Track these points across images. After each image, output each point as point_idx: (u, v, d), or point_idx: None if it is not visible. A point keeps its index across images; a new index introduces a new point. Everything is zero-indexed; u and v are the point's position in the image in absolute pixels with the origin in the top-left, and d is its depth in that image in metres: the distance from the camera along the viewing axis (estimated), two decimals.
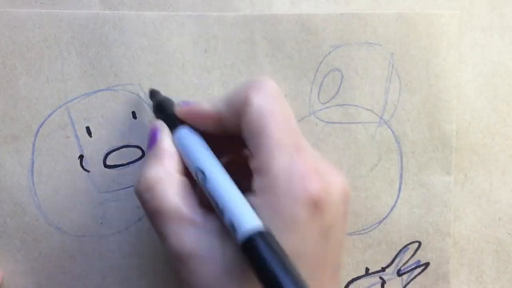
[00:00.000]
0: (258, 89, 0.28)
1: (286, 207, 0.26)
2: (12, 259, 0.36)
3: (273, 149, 0.26)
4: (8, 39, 0.35)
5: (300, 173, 0.26)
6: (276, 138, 0.27)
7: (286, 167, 0.26)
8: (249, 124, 0.27)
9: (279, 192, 0.26)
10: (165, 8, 0.36)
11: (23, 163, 0.36)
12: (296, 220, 0.25)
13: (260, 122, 0.27)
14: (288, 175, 0.26)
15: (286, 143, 0.27)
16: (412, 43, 0.36)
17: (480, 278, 0.38)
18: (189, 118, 0.31)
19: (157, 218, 0.28)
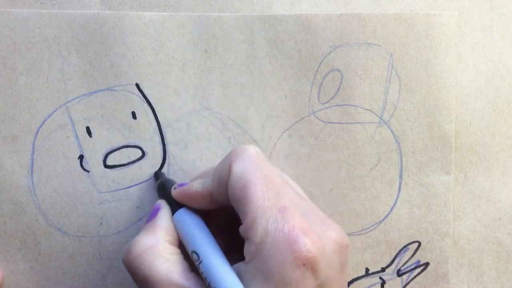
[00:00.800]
0: (238, 157, 0.29)
1: (274, 271, 0.26)
2: (12, 259, 0.36)
3: (256, 214, 0.27)
4: (8, 39, 0.35)
5: (284, 235, 0.26)
6: (258, 203, 0.27)
7: (270, 231, 0.27)
8: (232, 193, 0.28)
9: (266, 256, 0.26)
10: (165, 8, 0.36)
11: (23, 163, 0.36)
12: (286, 282, 0.26)
13: (241, 189, 0.28)
14: (273, 239, 0.26)
15: (268, 207, 0.27)
16: (411, 44, 0.37)
17: (480, 278, 0.38)
18: (183, 200, 0.32)
19: (146, 285, 0.29)
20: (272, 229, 0.27)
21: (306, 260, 0.26)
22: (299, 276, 0.26)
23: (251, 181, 0.28)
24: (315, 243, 0.27)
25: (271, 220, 0.27)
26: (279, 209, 0.27)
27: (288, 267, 0.26)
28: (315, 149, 0.37)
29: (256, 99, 0.37)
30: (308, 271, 0.26)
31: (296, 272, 0.26)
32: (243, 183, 0.28)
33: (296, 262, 0.26)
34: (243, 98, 0.37)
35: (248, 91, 0.37)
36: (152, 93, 0.36)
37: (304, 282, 0.26)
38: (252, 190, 0.28)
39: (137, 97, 0.36)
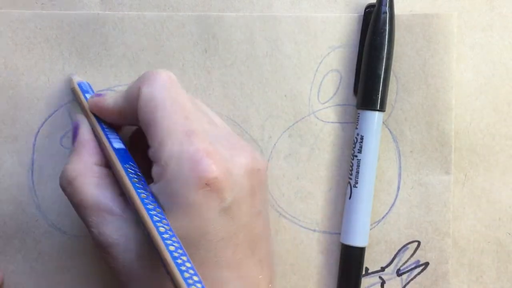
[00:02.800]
0: (148, 81, 0.29)
1: (178, 191, 0.27)
2: (12, 259, 0.37)
3: (163, 137, 0.28)
4: (10, 39, 0.36)
5: (189, 157, 0.27)
6: (165, 126, 0.28)
7: (175, 153, 0.27)
8: (141, 115, 0.29)
9: (171, 177, 0.27)
10: (165, 8, 0.37)
11: (23, 163, 0.37)
12: (189, 203, 0.27)
13: (149, 112, 0.29)
14: (178, 160, 0.27)
15: (175, 130, 0.28)
16: (408, 44, 0.37)
17: (480, 278, 0.38)
18: (96, 111, 0.32)
19: (80, 211, 0.30)
20: (177, 151, 0.27)
21: (208, 180, 0.27)
22: (202, 196, 0.27)
23: (159, 105, 0.28)
24: (220, 165, 0.27)
25: (176, 143, 0.28)
26: (185, 132, 0.28)
27: (191, 187, 0.27)
28: (315, 149, 0.38)
29: (256, 99, 0.37)
30: (212, 192, 0.27)
31: (199, 193, 0.27)
32: (152, 107, 0.28)
33: (199, 183, 0.27)
34: (243, 98, 0.37)
35: (248, 91, 0.37)
36: None
37: (209, 203, 0.27)
38: (160, 113, 0.28)
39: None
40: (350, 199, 0.36)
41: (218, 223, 0.28)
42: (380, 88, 0.36)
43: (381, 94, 0.36)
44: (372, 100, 0.36)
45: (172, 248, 0.26)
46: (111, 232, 0.29)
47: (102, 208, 0.30)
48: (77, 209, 0.31)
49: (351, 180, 0.36)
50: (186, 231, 0.27)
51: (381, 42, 0.35)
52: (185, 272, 0.25)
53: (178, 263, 0.25)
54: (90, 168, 0.31)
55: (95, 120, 0.32)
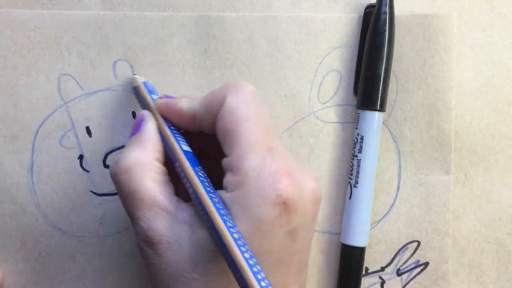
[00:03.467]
0: (234, 91, 0.29)
1: (254, 205, 0.27)
2: (12, 259, 0.37)
3: (245, 148, 0.28)
4: (9, 39, 0.36)
5: (270, 173, 0.27)
6: (249, 138, 0.28)
7: (257, 166, 0.27)
8: (223, 124, 0.29)
9: (249, 189, 0.27)
10: (165, 8, 0.37)
11: (23, 163, 0.37)
12: (263, 218, 0.27)
13: (233, 122, 0.29)
14: (259, 174, 0.27)
15: (258, 143, 0.28)
16: (408, 44, 0.37)
17: (480, 278, 0.38)
18: (165, 112, 0.32)
19: (131, 201, 0.29)
20: (259, 165, 0.27)
21: (286, 201, 0.27)
22: (277, 215, 0.27)
23: (244, 116, 0.28)
24: (295, 186, 0.27)
25: (259, 156, 0.28)
26: (268, 147, 0.28)
27: (267, 204, 0.27)
28: (315, 149, 0.38)
29: None
30: (285, 211, 0.27)
31: (275, 210, 0.27)
32: (236, 117, 0.28)
33: (276, 201, 0.27)
34: None
35: None
36: None
37: (280, 221, 0.27)
38: (244, 125, 0.28)
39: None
40: (350, 199, 0.37)
41: (282, 243, 0.28)
42: (380, 88, 0.36)
43: (381, 94, 0.36)
44: (372, 100, 0.36)
45: (247, 255, 0.25)
46: (163, 229, 0.29)
47: (157, 203, 0.29)
48: (128, 199, 0.29)
49: (351, 180, 0.36)
50: (251, 245, 0.27)
51: (381, 42, 0.36)
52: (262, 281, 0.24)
53: (255, 271, 0.24)
54: (151, 161, 0.30)
55: (162, 120, 0.32)
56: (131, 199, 0.29)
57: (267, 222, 0.27)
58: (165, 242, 0.28)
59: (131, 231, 0.37)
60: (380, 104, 0.36)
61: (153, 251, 0.29)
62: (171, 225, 0.29)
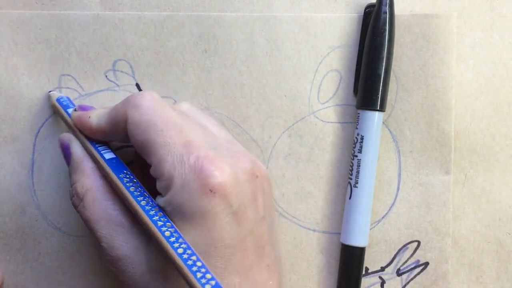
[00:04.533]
0: (133, 106, 0.30)
1: (184, 202, 0.28)
2: (12, 259, 0.37)
3: (161, 154, 0.28)
4: (10, 39, 0.36)
5: (191, 166, 0.28)
6: (161, 143, 0.29)
7: (176, 165, 0.28)
8: (134, 139, 0.30)
9: (175, 189, 0.28)
10: (165, 8, 0.37)
11: (23, 163, 0.37)
12: (196, 211, 0.27)
13: (142, 135, 0.29)
14: (180, 172, 0.28)
15: (171, 144, 0.28)
16: (408, 44, 0.37)
17: (480, 278, 0.38)
18: (79, 126, 0.33)
19: (91, 225, 0.31)
20: (177, 163, 0.28)
21: (212, 186, 0.27)
22: (207, 203, 0.27)
23: (150, 125, 0.29)
24: (222, 170, 0.28)
25: (176, 155, 0.28)
26: (183, 144, 0.28)
27: (196, 196, 0.27)
28: (315, 149, 0.38)
29: (256, 99, 0.38)
30: (217, 197, 0.27)
31: (204, 200, 0.27)
32: (143, 129, 0.29)
33: (203, 190, 0.27)
34: (243, 98, 0.38)
35: (248, 91, 0.38)
36: None
37: (215, 209, 0.27)
38: (152, 132, 0.29)
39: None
40: (350, 199, 0.37)
41: (226, 229, 0.28)
42: (380, 88, 0.36)
43: (381, 94, 0.36)
44: (372, 100, 0.36)
45: (180, 250, 0.26)
46: (120, 245, 0.30)
47: (112, 220, 0.30)
48: (88, 225, 0.31)
49: (351, 180, 0.36)
50: (196, 240, 0.27)
51: (381, 42, 0.36)
52: (198, 272, 0.25)
53: (189, 264, 0.25)
54: (96, 182, 0.31)
55: (80, 135, 0.33)
56: (91, 223, 0.31)
57: (202, 214, 0.27)
58: (124, 257, 0.29)
59: None
60: (380, 104, 0.36)
61: (117, 269, 0.30)
62: (129, 239, 0.30)
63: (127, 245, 0.29)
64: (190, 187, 0.27)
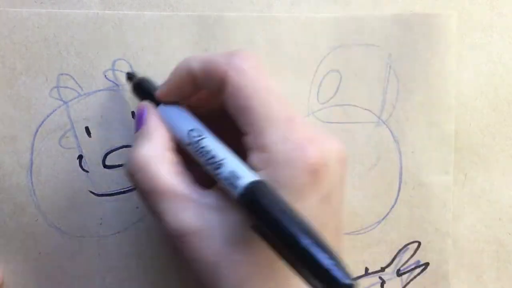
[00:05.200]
0: (236, 67, 0.28)
1: (286, 178, 0.27)
2: (11, 259, 0.37)
3: (264, 123, 0.27)
4: (8, 38, 0.36)
5: (296, 143, 0.27)
6: (266, 112, 0.28)
7: (281, 140, 0.27)
8: (234, 102, 0.28)
9: (277, 164, 0.27)
10: (165, 8, 0.37)
11: (22, 163, 0.37)
12: (297, 189, 0.27)
13: (245, 99, 0.28)
14: (284, 147, 0.27)
15: (277, 116, 0.28)
16: (409, 44, 0.37)
17: (480, 278, 0.38)
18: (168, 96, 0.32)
19: (152, 198, 0.28)
20: (282, 138, 0.27)
21: (316, 168, 0.27)
22: (310, 183, 0.27)
23: (254, 93, 0.28)
24: (324, 154, 0.27)
25: (280, 129, 0.27)
26: (286, 118, 0.28)
27: (300, 174, 0.27)
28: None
29: None
30: (317, 179, 0.27)
31: (307, 179, 0.27)
32: (245, 95, 0.28)
33: (308, 170, 0.27)
34: None
35: None
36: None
37: (314, 189, 0.27)
38: (255, 101, 0.28)
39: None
40: None
41: (318, 209, 0.27)
42: None
43: None
44: None
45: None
46: (190, 218, 0.28)
47: (178, 193, 0.28)
48: (148, 197, 0.29)
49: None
50: None
51: None
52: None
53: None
54: (163, 154, 0.29)
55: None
56: (152, 196, 0.28)
57: (303, 192, 0.27)
58: (195, 232, 0.28)
59: (130, 231, 0.37)
60: None
61: (185, 244, 0.28)
62: (197, 213, 0.28)
63: (198, 219, 0.28)
64: (295, 164, 0.27)
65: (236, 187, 0.27)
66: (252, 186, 0.26)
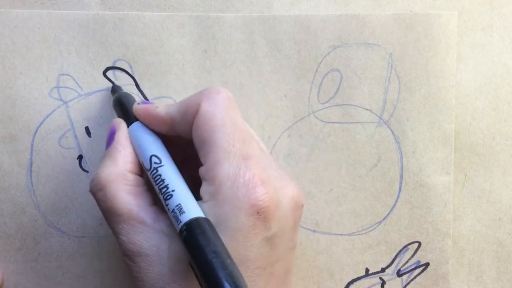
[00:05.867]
0: (209, 98, 0.29)
1: (229, 214, 0.27)
2: (11, 259, 0.37)
3: (220, 157, 0.28)
4: (8, 39, 0.36)
5: (244, 182, 0.27)
6: (224, 146, 0.28)
7: (231, 175, 0.27)
8: (198, 132, 0.29)
9: (224, 199, 0.27)
10: (165, 8, 0.37)
11: (22, 163, 0.36)
12: (238, 227, 0.27)
13: (208, 131, 0.29)
14: (233, 183, 0.27)
15: (233, 152, 0.28)
16: (410, 44, 0.37)
17: (480, 278, 0.38)
18: (143, 118, 0.32)
19: (109, 217, 0.30)
20: (233, 174, 0.28)
21: (260, 209, 0.27)
22: (251, 223, 0.27)
23: (219, 125, 0.29)
24: (272, 195, 0.28)
25: (234, 165, 0.28)
26: (243, 156, 0.28)
27: (242, 213, 0.27)
28: (315, 149, 0.38)
29: (255, 99, 0.37)
30: (260, 220, 0.27)
31: (250, 219, 0.27)
32: (212, 126, 0.29)
33: (251, 209, 0.27)
34: (242, 98, 0.37)
35: (247, 91, 0.37)
36: (151, 93, 0.37)
37: (255, 230, 0.27)
38: (219, 134, 0.28)
39: (137, 97, 0.36)
40: None
41: (259, 251, 0.28)
42: None
43: None
44: None
45: None
46: (142, 242, 0.29)
47: (134, 216, 0.29)
48: (107, 215, 0.30)
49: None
50: None
51: None
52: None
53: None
54: (124, 175, 0.30)
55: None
56: (109, 215, 0.30)
57: (242, 231, 0.27)
58: (144, 254, 0.29)
59: None
60: None
61: (134, 264, 0.29)
62: (149, 237, 0.29)
63: (148, 243, 0.29)
64: (239, 202, 0.27)
65: (178, 222, 0.27)
66: (191, 223, 0.27)
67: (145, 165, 0.31)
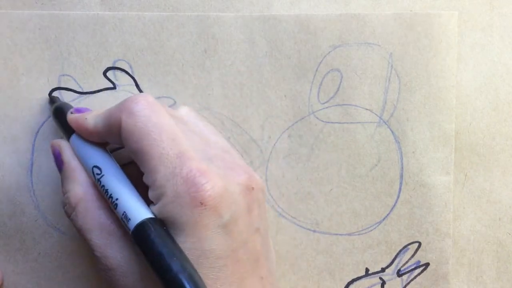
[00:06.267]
0: (128, 111, 0.29)
1: (175, 213, 0.27)
2: (11, 259, 0.37)
3: (154, 164, 0.28)
4: (9, 40, 0.36)
5: (183, 178, 0.28)
6: (154, 152, 0.28)
7: (169, 176, 0.28)
8: (127, 145, 0.29)
9: (168, 200, 0.28)
10: (165, 8, 0.37)
11: (23, 164, 0.36)
12: (186, 222, 0.27)
13: (136, 142, 0.29)
14: (172, 184, 0.28)
15: (166, 154, 0.28)
16: (410, 43, 0.37)
17: (480, 278, 0.38)
18: (77, 129, 0.32)
19: (84, 234, 0.31)
20: (170, 174, 0.28)
21: (203, 199, 0.27)
22: (197, 215, 0.27)
23: (143, 133, 0.29)
24: (214, 183, 0.28)
25: (169, 166, 0.28)
26: (176, 155, 0.28)
27: (186, 208, 0.27)
28: (315, 149, 0.38)
29: (255, 99, 0.37)
30: (207, 210, 0.27)
31: (194, 212, 0.27)
32: (136, 137, 0.29)
33: (193, 202, 0.27)
34: (242, 98, 0.37)
35: (247, 91, 0.37)
36: (151, 93, 0.37)
37: (205, 221, 0.27)
38: (146, 142, 0.28)
39: None
40: None
41: (216, 241, 0.28)
42: None
43: None
44: None
45: None
46: (113, 254, 0.30)
47: (104, 229, 0.30)
48: (81, 234, 0.31)
49: None
50: (187, 250, 0.27)
51: None
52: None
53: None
54: (88, 191, 0.31)
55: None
56: (84, 232, 0.31)
57: (192, 225, 0.27)
58: (117, 267, 0.29)
59: None
60: None
61: (109, 277, 0.30)
62: (120, 248, 0.30)
63: (120, 254, 0.30)
64: (181, 199, 0.27)
65: (129, 228, 0.28)
66: (137, 229, 0.27)
67: (92, 177, 0.31)
